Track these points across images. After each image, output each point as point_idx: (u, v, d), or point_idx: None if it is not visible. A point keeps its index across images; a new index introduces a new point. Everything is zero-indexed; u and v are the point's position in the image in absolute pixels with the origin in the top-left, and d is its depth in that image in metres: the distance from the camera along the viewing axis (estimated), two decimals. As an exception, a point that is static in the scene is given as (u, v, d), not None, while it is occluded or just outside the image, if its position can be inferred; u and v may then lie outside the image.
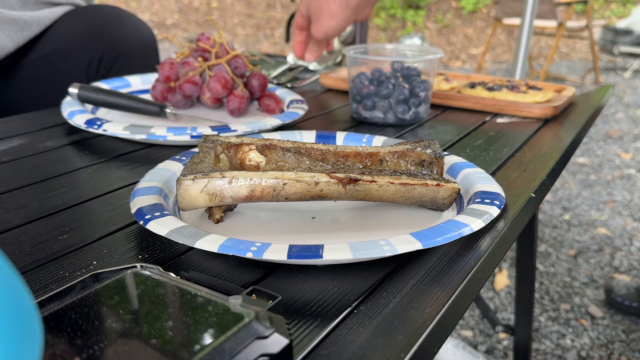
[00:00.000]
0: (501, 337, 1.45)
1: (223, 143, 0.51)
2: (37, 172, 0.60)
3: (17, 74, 1.01)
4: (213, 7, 6.68)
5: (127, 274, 0.32)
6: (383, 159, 0.52)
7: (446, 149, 0.69)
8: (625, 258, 1.84)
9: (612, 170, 2.61)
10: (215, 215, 0.47)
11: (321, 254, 0.37)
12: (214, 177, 0.44)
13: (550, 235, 1.99)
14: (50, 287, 0.38)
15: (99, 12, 1.04)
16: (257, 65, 1.03)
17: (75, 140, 0.70)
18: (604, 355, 1.40)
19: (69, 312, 0.28)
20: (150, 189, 0.48)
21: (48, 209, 0.50)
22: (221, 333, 0.27)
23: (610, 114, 3.45)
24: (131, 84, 0.89)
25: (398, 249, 0.38)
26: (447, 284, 0.39)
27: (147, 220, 0.42)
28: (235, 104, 0.77)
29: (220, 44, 0.80)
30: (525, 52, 1.69)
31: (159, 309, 0.29)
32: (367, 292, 0.38)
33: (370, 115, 0.80)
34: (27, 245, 0.44)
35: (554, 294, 1.65)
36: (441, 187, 0.47)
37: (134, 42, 1.03)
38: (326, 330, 0.34)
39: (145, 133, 0.66)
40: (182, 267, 0.41)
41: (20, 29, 0.95)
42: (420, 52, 0.85)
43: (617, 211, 2.18)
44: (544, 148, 0.69)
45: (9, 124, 0.76)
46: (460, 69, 4.86)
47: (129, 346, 0.26)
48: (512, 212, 0.50)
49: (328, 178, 0.45)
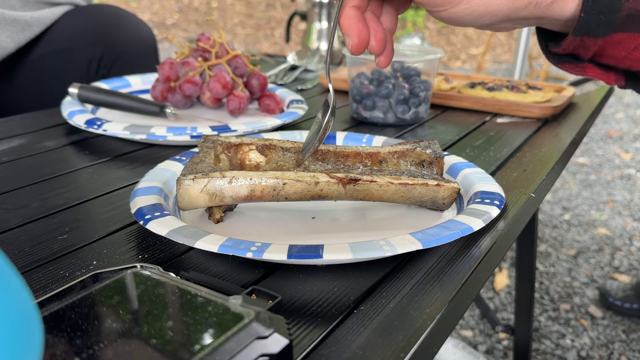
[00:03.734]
0: (501, 337, 1.45)
1: (223, 143, 0.51)
2: (37, 172, 0.60)
3: (17, 74, 1.01)
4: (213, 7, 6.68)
5: (127, 274, 0.32)
6: (383, 159, 0.52)
7: (446, 149, 0.69)
8: (625, 258, 1.84)
9: (612, 170, 2.61)
10: (215, 215, 0.47)
11: (321, 254, 0.37)
12: (214, 176, 0.44)
13: (550, 235, 1.99)
14: (50, 287, 0.38)
15: (99, 12, 1.04)
16: (257, 65, 1.03)
17: (75, 140, 0.70)
18: (604, 355, 1.40)
19: (69, 312, 0.28)
20: (150, 189, 0.48)
21: (48, 209, 0.50)
22: (221, 333, 0.27)
23: (610, 114, 3.45)
24: (131, 84, 0.89)
25: (398, 249, 0.38)
26: (447, 284, 0.39)
27: (147, 220, 0.42)
28: (235, 104, 0.77)
29: (220, 44, 0.80)
30: (525, 52, 1.69)
31: (159, 309, 0.29)
32: (367, 292, 0.38)
33: (370, 115, 0.80)
34: (27, 245, 0.44)
35: (554, 294, 1.65)
36: (441, 187, 0.47)
37: (133, 42, 1.03)
38: (326, 330, 0.34)
39: (145, 133, 0.66)
40: (182, 267, 0.41)
41: (21, 29, 0.95)
42: (420, 52, 0.85)
43: (617, 211, 2.18)
44: (543, 148, 0.69)
45: (9, 124, 0.76)
46: (460, 69, 4.86)
47: (129, 346, 0.26)
48: (512, 212, 0.50)
49: (328, 178, 0.45)
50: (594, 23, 0.38)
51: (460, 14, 0.40)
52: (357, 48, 0.43)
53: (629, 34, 0.39)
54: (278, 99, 0.81)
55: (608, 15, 0.38)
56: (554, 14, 0.40)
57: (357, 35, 0.42)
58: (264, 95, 0.81)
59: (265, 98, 0.81)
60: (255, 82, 0.81)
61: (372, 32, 0.43)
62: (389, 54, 0.45)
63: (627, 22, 0.38)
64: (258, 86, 0.81)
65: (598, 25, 0.38)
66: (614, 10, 0.38)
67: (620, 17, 0.38)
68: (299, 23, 4.48)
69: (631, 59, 0.41)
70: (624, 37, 0.39)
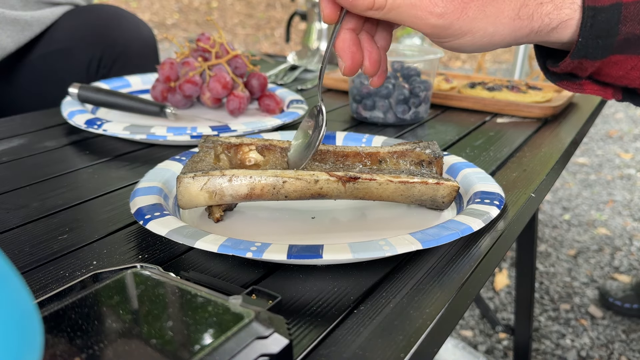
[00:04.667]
0: (501, 337, 1.45)
1: (223, 143, 0.51)
2: (37, 172, 0.60)
3: (17, 74, 1.01)
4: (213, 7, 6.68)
5: (127, 274, 0.32)
6: (382, 159, 0.52)
7: (446, 149, 0.69)
8: (625, 258, 1.84)
9: (612, 170, 2.61)
10: (215, 214, 0.47)
11: (321, 254, 0.37)
12: (214, 175, 0.44)
13: (550, 235, 1.99)
14: (50, 287, 0.38)
15: (99, 11, 1.04)
16: (257, 65, 1.03)
17: (75, 140, 0.70)
18: (604, 355, 1.40)
19: (69, 312, 0.28)
20: (150, 189, 0.48)
21: (48, 209, 0.50)
22: (221, 333, 0.27)
23: (610, 114, 3.45)
24: (131, 84, 0.89)
25: (398, 249, 0.38)
26: (447, 284, 0.39)
27: (147, 220, 0.42)
28: (235, 104, 0.77)
29: (220, 44, 0.80)
30: (525, 52, 1.69)
31: (159, 309, 0.29)
32: (367, 292, 0.38)
33: (370, 115, 0.80)
34: (27, 245, 0.44)
35: (554, 294, 1.65)
36: (440, 185, 0.47)
37: (134, 42, 1.03)
38: (326, 330, 0.34)
39: (145, 133, 0.66)
40: (182, 267, 0.41)
41: (22, 29, 0.95)
42: (420, 52, 0.85)
43: (617, 211, 2.18)
44: (543, 148, 0.69)
45: (9, 124, 0.76)
46: (460, 69, 4.86)
47: (129, 346, 0.26)
48: (512, 212, 0.50)
49: (328, 176, 0.45)
50: (591, 47, 0.39)
51: (464, 45, 0.41)
52: (349, 70, 0.43)
53: (626, 55, 0.40)
54: (278, 99, 0.81)
55: (606, 40, 0.39)
56: (553, 40, 0.41)
57: (351, 59, 0.43)
58: (264, 95, 0.81)
59: (265, 98, 0.81)
60: (255, 82, 0.81)
61: (367, 54, 0.44)
62: (382, 74, 0.45)
63: (624, 45, 0.39)
64: (258, 86, 0.81)
65: (596, 48, 0.39)
66: (611, 34, 0.38)
67: (618, 40, 0.39)
68: (299, 23, 4.47)
69: (628, 78, 0.41)
70: (621, 59, 0.40)
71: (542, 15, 0.39)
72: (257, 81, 0.81)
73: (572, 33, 0.40)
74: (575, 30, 0.39)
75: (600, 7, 0.38)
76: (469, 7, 0.38)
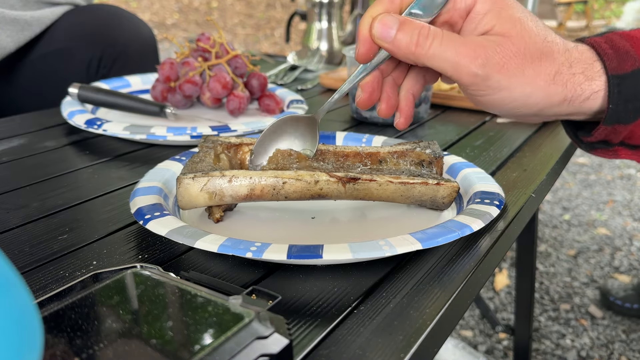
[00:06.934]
0: (501, 337, 1.45)
1: (223, 143, 0.51)
2: (37, 172, 0.60)
3: (17, 74, 1.01)
4: (213, 7, 6.68)
5: (127, 274, 0.32)
6: (383, 159, 0.52)
7: (446, 149, 0.69)
8: (625, 258, 1.84)
9: (612, 170, 2.61)
10: (215, 214, 0.47)
11: (321, 254, 0.37)
12: (214, 175, 0.44)
13: (550, 235, 1.99)
14: (50, 287, 0.38)
15: (99, 11, 1.04)
16: (257, 65, 1.03)
17: (75, 140, 0.70)
18: (604, 355, 1.40)
19: (69, 312, 0.28)
20: (150, 189, 0.48)
21: (48, 209, 0.50)
22: (221, 333, 0.27)
23: (610, 114, 3.45)
24: (131, 84, 0.89)
25: (398, 249, 0.38)
26: (447, 284, 0.39)
27: (147, 220, 0.42)
28: (235, 104, 0.77)
29: (220, 44, 0.80)
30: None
31: (159, 309, 0.29)
32: (367, 292, 0.38)
33: (370, 115, 0.80)
34: (27, 245, 0.44)
35: (554, 294, 1.65)
36: (441, 186, 0.47)
37: (134, 42, 1.03)
38: (326, 330, 0.34)
39: (145, 133, 0.66)
40: (182, 267, 0.41)
41: (21, 29, 0.95)
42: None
43: (617, 211, 2.18)
44: (543, 148, 0.69)
45: (9, 124, 0.76)
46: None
47: (129, 346, 0.26)
48: (512, 212, 0.50)
49: (328, 177, 0.45)
50: (622, 111, 0.41)
51: (500, 101, 0.41)
52: (364, 103, 0.45)
53: None
54: (278, 99, 0.81)
55: (635, 103, 0.40)
56: (585, 110, 0.42)
57: (370, 93, 0.45)
58: (264, 95, 0.81)
59: (265, 98, 0.81)
60: (255, 82, 0.81)
61: (385, 97, 0.46)
62: (408, 118, 0.47)
63: None
64: (258, 86, 0.81)
65: (627, 112, 0.41)
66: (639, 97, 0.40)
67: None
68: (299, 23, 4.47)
69: None
70: None
71: (574, 85, 0.41)
72: (257, 81, 0.81)
73: (602, 102, 0.41)
74: (604, 99, 0.41)
75: (623, 75, 0.40)
76: (510, 64, 0.40)
